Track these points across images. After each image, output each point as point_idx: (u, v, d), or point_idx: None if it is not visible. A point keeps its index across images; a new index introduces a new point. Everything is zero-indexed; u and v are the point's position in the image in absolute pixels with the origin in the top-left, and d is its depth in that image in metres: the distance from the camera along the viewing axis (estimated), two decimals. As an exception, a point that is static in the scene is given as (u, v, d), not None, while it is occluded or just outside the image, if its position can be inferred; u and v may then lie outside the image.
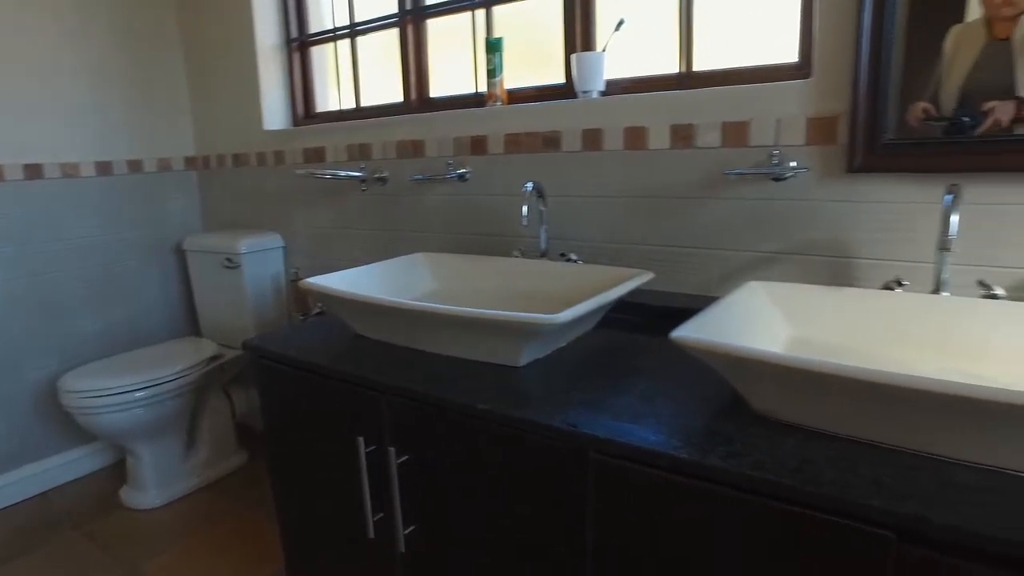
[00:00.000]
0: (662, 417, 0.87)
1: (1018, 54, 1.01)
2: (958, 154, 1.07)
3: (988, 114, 1.04)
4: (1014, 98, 1.02)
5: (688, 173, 1.34)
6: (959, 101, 1.06)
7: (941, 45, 1.06)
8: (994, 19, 1.02)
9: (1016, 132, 1.02)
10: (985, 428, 0.68)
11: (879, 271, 1.17)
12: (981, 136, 1.05)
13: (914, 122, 1.10)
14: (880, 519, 0.66)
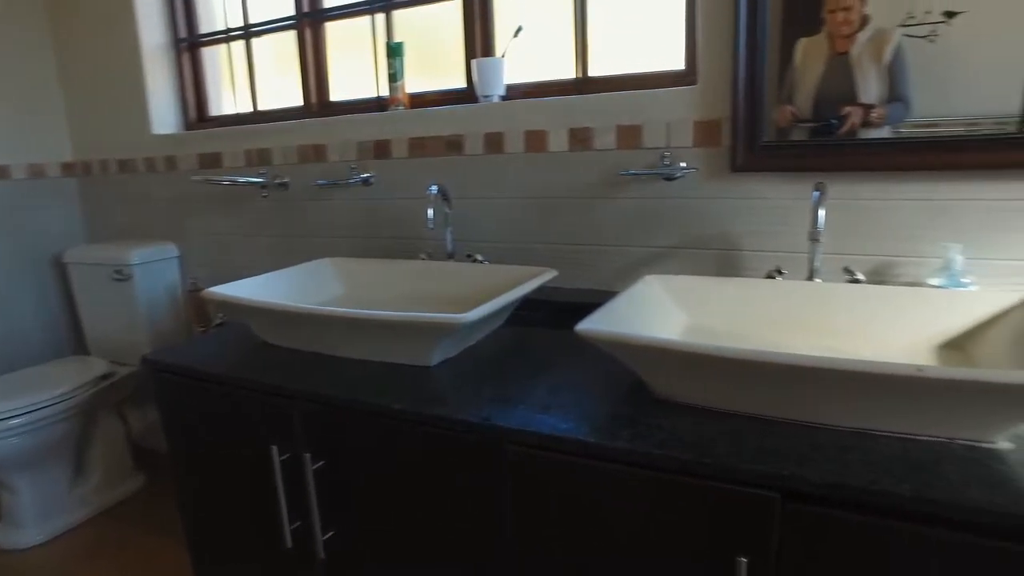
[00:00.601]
0: (571, 406, 0.92)
1: (856, 67, 1.14)
2: (823, 155, 1.19)
3: (846, 118, 1.16)
4: (861, 104, 1.15)
5: (586, 174, 1.40)
6: (813, 107, 1.19)
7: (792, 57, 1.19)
8: (835, 35, 1.15)
9: (865, 135, 1.15)
10: (848, 396, 0.76)
11: (761, 261, 1.27)
12: (840, 139, 1.17)
13: (782, 124, 1.21)
14: (767, 482, 0.73)
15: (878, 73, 1.14)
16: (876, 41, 1.13)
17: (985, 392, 0.70)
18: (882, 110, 1.15)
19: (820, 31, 1.17)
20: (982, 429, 0.75)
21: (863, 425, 0.79)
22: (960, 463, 0.72)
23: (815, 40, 1.17)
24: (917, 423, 0.77)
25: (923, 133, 1.13)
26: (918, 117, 1.13)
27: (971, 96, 1.10)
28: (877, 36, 1.13)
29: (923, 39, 1.11)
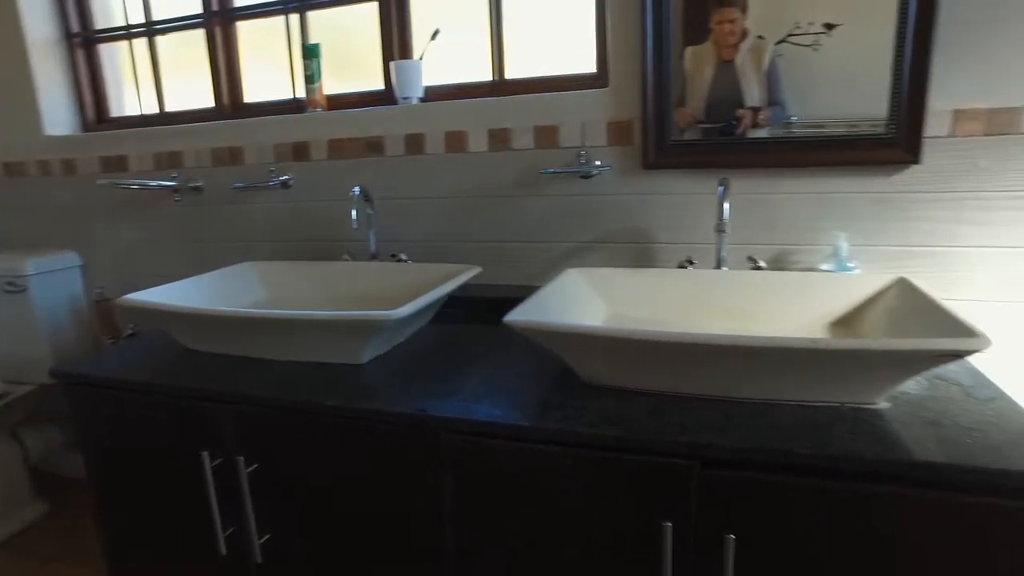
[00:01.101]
0: (502, 395, 0.96)
1: (740, 74, 1.25)
2: (725, 153, 1.29)
3: (741, 120, 1.27)
4: (751, 108, 1.25)
5: (507, 173, 1.45)
6: (706, 110, 1.29)
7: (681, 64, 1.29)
8: (721, 45, 1.25)
9: (760, 135, 1.26)
10: (753, 370, 0.84)
11: (674, 252, 1.36)
12: (740, 138, 1.27)
13: (683, 125, 1.30)
14: (686, 452, 0.80)
15: (759, 80, 1.25)
16: (755, 51, 1.24)
17: (866, 359, 0.79)
18: (766, 112, 1.26)
19: (706, 40, 1.27)
20: (866, 393, 0.85)
21: (769, 397, 0.88)
22: (850, 423, 0.82)
23: (702, 48, 1.27)
24: (814, 392, 0.86)
25: (813, 133, 1.25)
26: (808, 118, 1.25)
27: (850, 99, 1.22)
28: (756, 47, 1.24)
29: (808, 47, 1.23)
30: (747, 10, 1.24)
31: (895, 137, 1.20)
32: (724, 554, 0.81)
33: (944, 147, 1.20)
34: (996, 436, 0.77)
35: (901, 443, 0.77)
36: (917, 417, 0.83)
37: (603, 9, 1.40)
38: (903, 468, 0.74)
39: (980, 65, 1.16)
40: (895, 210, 1.24)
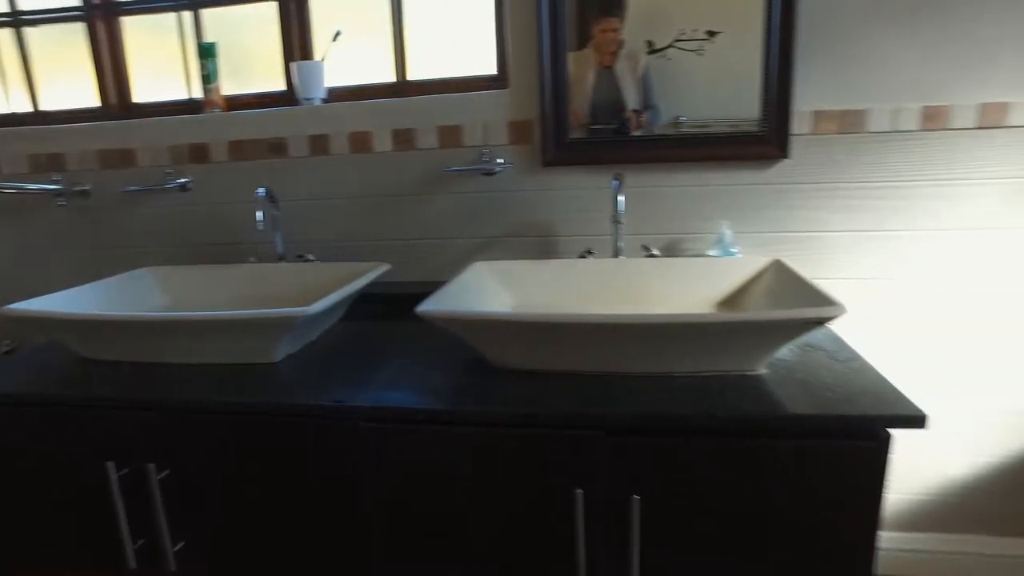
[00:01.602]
0: (417, 384, 0.99)
1: (620, 79, 1.35)
2: (619, 150, 1.38)
3: (629, 121, 1.37)
4: (635, 111, 1.35)
5: (413, 172, 1.48)
6: (591, 112, 1.38)
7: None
8: (602, 52, 1.35)
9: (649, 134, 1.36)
10: (647, 346, 0.92)
11: (575, 244, 1.44)
12: (632, 137, 1.37)
13: (575, 125, 1.39)
14: (592, 423, 0.87)
15: (635, 85, 1.35)
16: (631, 59, 1.34)
17: (745, 330, 0.89)
18: (645, 116, 1.36)
19: (586, 47, 1.35)
20: (748, 362, 0.95)
21: (664, 370, 0.96)
22: (735, 389, 0.91)
23: (583, 54, 1.36)
24: (703, 363, 0.95)
25: (698, 131, 1.36)
26: (695, 118, 1.36)
27: (730, 100, 1.34)
28: (631, 54, 1.34)
29: (693, 52, 1.33)
30: (626, 20, 1.33)
31: (767, 135, 1.33)
32: (631, 514, 0.88)
33: (808, 144, 1.34)
34: (853, 389, 0.89)
35: (778, 401, 0.87)
36: (791, 379, 0.94)
37: (501, 13, 1.46)
38: (780, 421, 0.84)
39: (834, 73, 1.31)
40: (770, 200, 1.37)
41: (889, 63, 1.30)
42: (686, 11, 1.32)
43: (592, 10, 1.34)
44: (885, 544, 1.58)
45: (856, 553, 0.89)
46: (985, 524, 1.55)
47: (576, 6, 1.34)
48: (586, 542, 0.91)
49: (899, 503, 1.56)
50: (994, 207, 1.35)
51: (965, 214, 1.35)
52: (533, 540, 0.93)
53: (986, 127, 1.31)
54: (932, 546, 1.56)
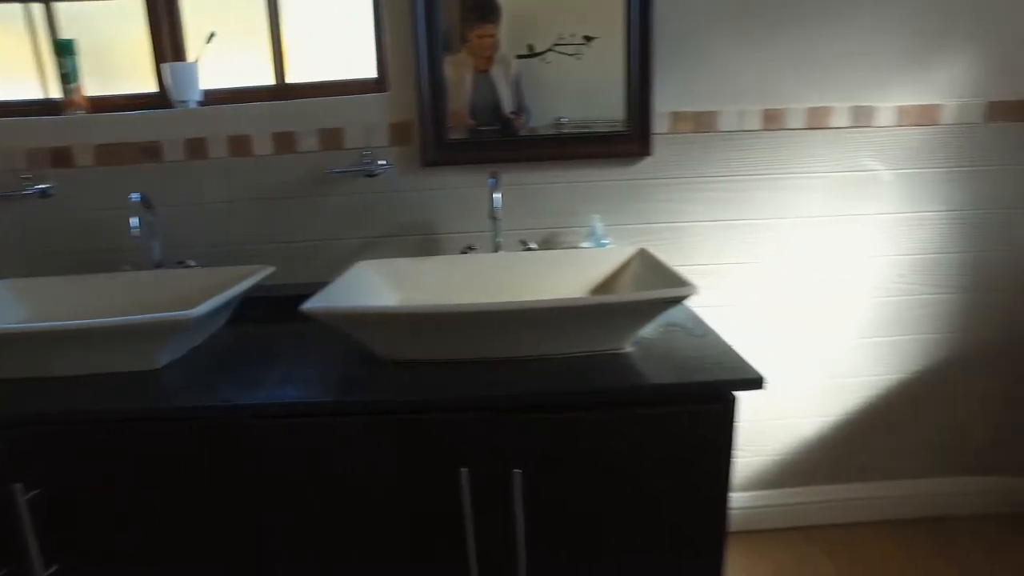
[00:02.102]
0: (306, 380, 1.02)
1: (496, 82, 1.43)
2: (497, 150, 1.46)
3: (510, 122, 1.44)
4: (514, 113, 1.43)
5: (295, 175, 1.49)
6: (471, 114, 1.45)
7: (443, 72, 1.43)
8: (479, 56, 1.42)
9: (526, 134, 1.45)
10: (523, 331, 1.00)
11: (457, 241, 1.50)
12: (508, 137, 1.45)
13: (458, 126, 1.45)
14: (474, 405, 0.93)
15: (510, 88, 1.43)
16: (504, 63, 1.42)
17: (610, 311, 0.98)
18: (521, 117, 1.44)
19: (461, 50, 1.42)
20: (616, 341, 1.04)
21: (539, 353, 1.04)
22: (606, 366, 1.00)
23: (459, 58, 1.43)
24: (575, 345, 1.03)
25: (571, 131, 1.45)
26: (574, 118, 1.45)
27: (602, 102, 1.44)
28: (504, 59, 1.42)
29: (572, 56, 1.43)
30: (501, 27, 1.40)
31: (632, 134, 1.45)
32: (513, 487, 0.95)
33: (668, 142, 1.47)
34: (706, 360, 1.00)
35: (641, 374, 0.97)
36: (653, 354, 1.04)
37: (380, 18, 1.49)
38: (643, 391, 0.94)
39: (688, 78, 1.45)
40: (636, 194, 1.49)
41: (734, 70, 1.45)
42: (563, 17, 1.40)
43: (470, 16, 1.40)
44: (742, 503, 1.75)
45: (713, 504, 1.00)
46: (819, 474, 1.76)
47: (456, 12, 1.39)
48: (474, 516, 0.97)
49: (752, 464, 1.73)
50: (823, 198, 1.54)
51: (801, 203, 1.53)
52: (425, 519, 0.99)
53: (813, 128, 1.49)
54: (779, 500, 1.75)
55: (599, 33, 1.42)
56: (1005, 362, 1.69)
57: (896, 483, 1.79)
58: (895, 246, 1.60)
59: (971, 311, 1.66)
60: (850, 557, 1.68)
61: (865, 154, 1.53)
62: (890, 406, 1.73)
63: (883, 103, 1.50)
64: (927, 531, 1.77)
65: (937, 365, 1.70)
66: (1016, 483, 1.79)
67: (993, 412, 1.75)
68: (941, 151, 1.54)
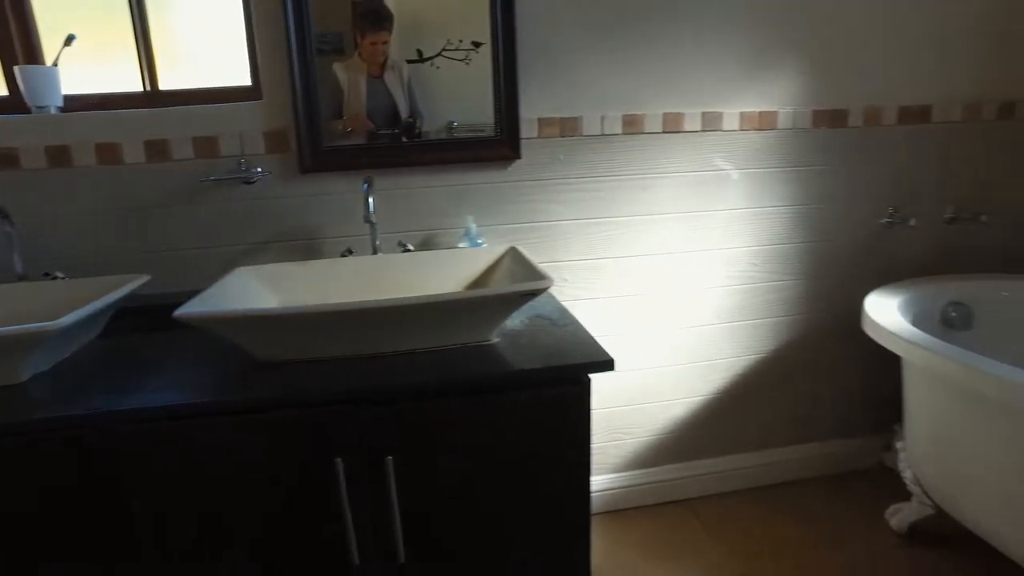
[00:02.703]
0: (183, 385, 1.03)
1: (391, 88, 1.48)
2: (374, 156, 1.51)
3: (408, 127, 1.49)
4: (409, 118, 1.49)
5: (170, 183, 1.47)
6: (369, 119, 1.49)
7: (331, 77, 1.47)
8: (372, 63, 1.47)
9: (409, 140, 1.50)
10: (392, 327, 1.06)
11: (337, 245, 1.54)
12: (387, 142, 1.50)
13: (345, 132, 1.49)
14: (346, 398, 0.98)
15: (404, 93, 1.49)
16: (397, 70, 1.48)
17: (472, 305, 1.06)
18: (415, 121, 1.51)
19: (352, 56, 1.46)
20: (481, 333, 1.12)
21: (409, 348, 1.10)
22: (472, 357, 1.07)
23: (352, 63, 1.47)
24: (443, 338, 1.10)
25: (451, 136, 1.52)
26: (462, 122, 1.52)
27: (481, 107, 1.52)
28: (396, 65, 1.48)
29: (461, 62, 1.49)
30: (393, 33, 1.45)
31: (502, 139, 1.54)
32: (387, 473, 1.01)
33: (536, 146, 1.57)
34: (566, 348, 1.10)
35: (505, 362, 1.05)
36: (518, 344, 1.13)
37: (251, 27, 1.50)
38: (506, 378, 1.02)
39: (552, 86, 1.55)
40: (508, 195, 1.58)
41: (596, 78, 1.57)
42: (451, 23, 1.46)
43: (363, 24, 1.44)
44: (622, 482, 1.89)
45: (577, 479, 1.10)
46: (693, 450, 1.92)
47: (345, 18, 1.43)
48: (351, 504, 1.02)
49: (630, 445, 1.87)
50: (680, 196, 1.68)
51: (661, 201, 1.68)
52: (305, 510, 1.03)
53: (669, 132, 1.63)
54: (658, 477, 1.90)
55: (486, 39, 1.49)
56: (843, 339, 1.91)
57: (761, 453, 1.98)
58: (746, 238, 1.77)
59: (813, 295, 1.87)
60: (722, 524, 1.84)
61: (716, 155, 1.69)
62: (751, 383, 1.91)
63: (728, 109, 1.66)
64: (789, 494, 1.97)
65: (789, 344, 1.90)
66: (860, 444, 2.02)
67: (838, 383, 1.96)
68: (780, 152, 1.72)
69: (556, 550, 1.13)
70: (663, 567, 1.68)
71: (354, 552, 1.05)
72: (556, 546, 1.13)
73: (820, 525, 1.82)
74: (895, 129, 1.79)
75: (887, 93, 1.75)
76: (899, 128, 1.79)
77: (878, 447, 2.02)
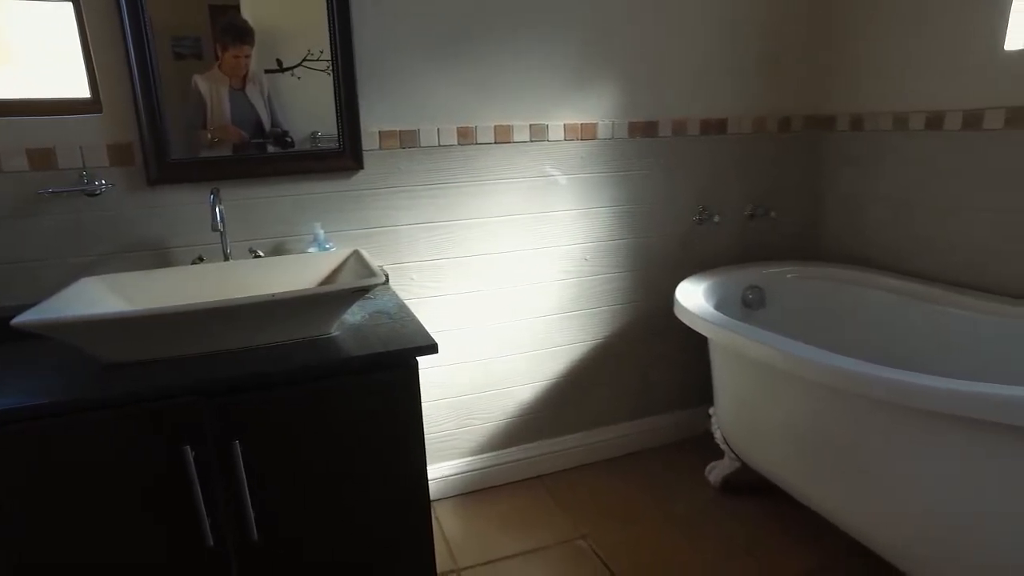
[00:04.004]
0: (33, 391, 1.07)
1: (253, 100, 1.56)
2: (224, 167, 1.58)
3: (281, 137, 1.57)
4: (275, 129, 1.58)
5: (2, 195, 1.46)
6: (239, 128, 1.56)
7: (192, 89, 1.53)
8: (233, 75, 1.54)
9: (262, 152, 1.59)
10: (232, 324, 1.16)
11: (188, 253, 1.59)
12: (237, 155, 1.57)
13: (206, 144, 1.55)
14: (192, 390, 1.07)
15: (265, 105, 1.57)
16: (258, 81, 1.56)
17: (307, 302, 1.18)
18: (277, 131, 1.59)
19: (213, 68, 1.52)
20: (321, 327, 1.24)
21: (253, 344, 1.20)
22: (312, 348, 1.19)
23: (212, 75, 1.53)
24: (284, 333, 1.21)
25: (305, 148, 1.62)
26: (325, 133, 1.61)
27: (328, 119, 1.62)
28: (258, 78, 1.56)
29: (323, 72, 1.58)
30: (255, 46, 1.53)
31: (346, 150, 1.66)
32: (236, 458, 1.10)
33: (378, 157, 1.70)
34: (398, 337, 1.24)
35: (342, 352, 1.17)
36: (356, 336, 1.26)
37: (86, 41, 1.52)
38: (344, 363, 1.15)
39: (390, 101, 1.69)
40: (354, 203, 1.70)
41: (431, 93, 1.72)
42: (311, 33, 1.55)
43: (224, 37, 1.50)
44: (478, 464, 2.05)
45: (414, 454, 1.24)
46: (543, 430, 2.12)
47: (210, 32, 1.49)
48: (203, 490, 1.11)
49: (483, 429, 2.04)
50: (515, 200, 1.88)
51: (497, 205, 1.86)
52: (159, 499, 1.10)
53: (501, 142, 1.82)
54: (513, 456, 2.09)
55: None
56: (668, 323, 2.17)
57: (604, 429, 2.21)
58: (577, 236, 1.99)
59: (639, 285, 2.12)
60: (570, 494, 2.04)
61: (545, 163, 1.89)
62: (590, 366, 2.13)
63: (554, 121, 1.87)
64: (630, 464, 2.21)
65: (622, 329, 2.14)
66: (689, 415, 2.31)
67: (666, 362, 2.23)
68: (602, 159, 1.96)
69: (397, 518, 1.27)
70: (515, 536, 1.85)
71: (208, 535, 1.13)
72: (397, 515, 1.27)
73: (655, 488, 2.07)
74: (699, 139, 2.07)
75: (690, 107, 2.04)
76: (702, 138, 2.08)
77: (704, 417, 2.31)
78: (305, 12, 1.57)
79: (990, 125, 1.73)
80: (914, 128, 1.93)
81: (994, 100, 1.71)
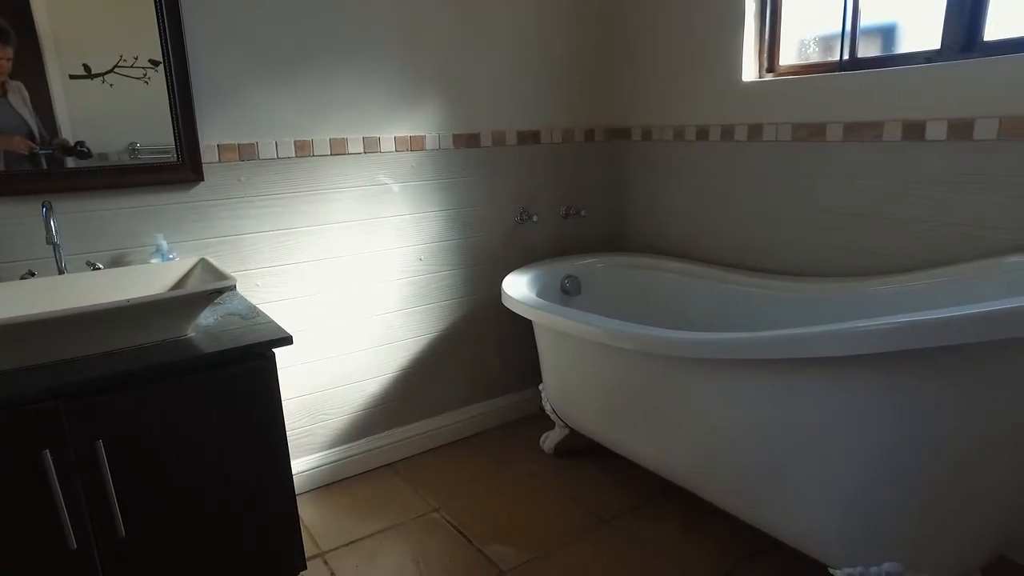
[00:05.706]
0: None
1: (17, 108, 1.50)
2: (52, 180, 1.56)
3: (73, 148, 1.56)
4: (63, 139, 1.56)
5: None
6: (16, 140, 1.51)
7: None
8: None
9: (73, 166, 1.59)
10: (82, 332, 1.21)
11: (15, 268, 1.55)
12: (64, 167, 1.57)
13: (14, 152, 1.50)
14: (48, 395, 1.12)
15: (30, 112, 1.51)
16: (17, 87, 1.49)
17: (157, 306, 1.26)
18: (64, 142, 1.56)
19: None
20: (175, 329, 1.32)
21: (109, 347, 1.26)
22: (169, 349, 1.27)
23: None
24: (140, 337, 1.28)
25: (135, 160, 1.64)
26: (145, 144, 1.62)
27: (162, 131, 1.65)
28: (15, 86, 1.49)
29: (140, 80, 1.59)
30: (16, 49, 1.45)
31: (183, 163, 1.71)
32: (98, 455, 1.16)
33: (218, 169, 1.77)
34: (255, 334, 1.35)
35: (197, 351, 1.27)
36: (209, 336, 1.35)
37: None
38: (202, 358, 1.24)
39: (228, 115, 1.77)
40: (196, 213, 1.76)
41: (268, 108, 1.82)
42: (125, 39, 1.53)
43: None
44: (333, 457, 2.17)
45: (276, 440, 1.36)
46: (392, 420, 2.29)
47: None
48: (65, 493, 1.15)
49: (335, 423, 2.16)
50: (353, 207, 2.03)
51: (336, 212, 2.00)
52: (19, 506, 1.13)
53: (337, 154, 1.96)
54: (365, 447, 2.23)
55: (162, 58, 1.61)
56: (498, 313, 2.43)
57: (448, 414, 2.41)
58: (412, 238, 2.18)
59: (471, 280, 2.35)
60: (420, 476, 2.22)
61: (379, 172, 2.06)
62: (431, 357, 2.33)
63: (385, 134, 2.04)
64: (474, 444, 2.43)
65: (458, 321, 2.36)
66: (525, 395, 2.58)
67: (500, 348, 2.49)
68: (431, 168, 2.16)
69: (264, 503, 1.38)
70: (373, 518, 2.00)
71: (71, 538, 1.17)
72: (263, 500, 1.38)
73: (498, 461, 2.30)
74: (516, 148, 2.35)
75: (508, 121, 2.30)
76: (519, 147, 2.36)
77: (536, 395, 2.60)
78: (119, 18, 1.55)
79: (739, 137, 2.17)
80: (688, 139, 2.35)
81: (741, 118, 2.16)
